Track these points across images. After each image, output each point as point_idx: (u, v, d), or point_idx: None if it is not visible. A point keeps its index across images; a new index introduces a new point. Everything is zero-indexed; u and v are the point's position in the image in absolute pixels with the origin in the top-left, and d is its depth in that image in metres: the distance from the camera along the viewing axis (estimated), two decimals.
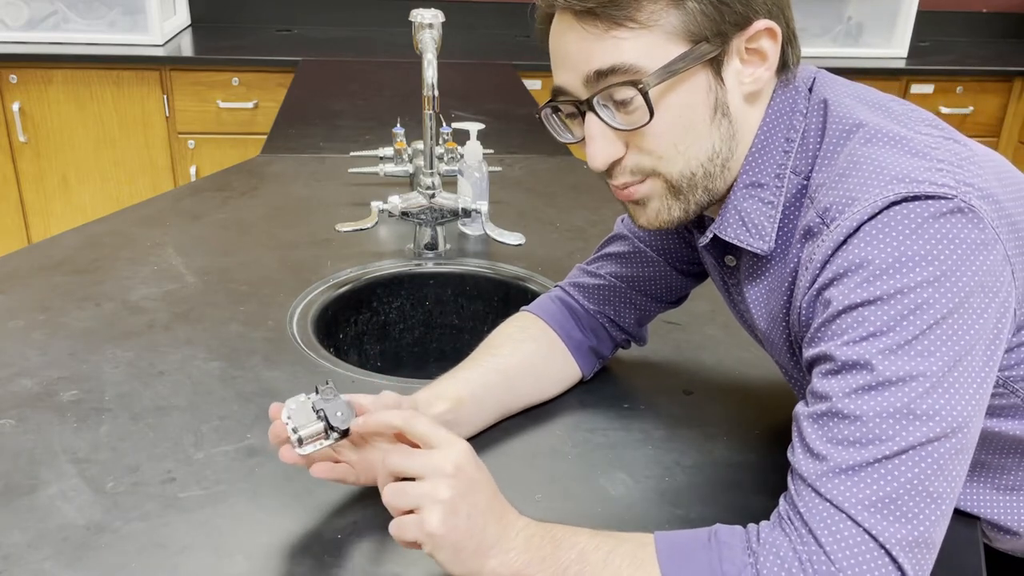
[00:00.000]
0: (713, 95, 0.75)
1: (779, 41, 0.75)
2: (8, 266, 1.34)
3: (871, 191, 0.69)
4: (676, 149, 0.76)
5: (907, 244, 0.66)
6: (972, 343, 0.66)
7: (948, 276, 0.65)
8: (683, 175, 0.77)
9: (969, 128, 3.23)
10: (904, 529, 0.64)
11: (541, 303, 1.06)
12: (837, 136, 0.76)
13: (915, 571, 0.65)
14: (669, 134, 0.75)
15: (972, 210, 0.66)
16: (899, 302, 0.66)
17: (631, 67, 0.72)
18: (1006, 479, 0.85)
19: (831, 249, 0.70)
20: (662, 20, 0.72)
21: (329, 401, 0.78)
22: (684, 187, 0.78)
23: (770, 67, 0.76)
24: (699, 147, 0.76)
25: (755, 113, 0.78)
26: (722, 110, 0.76)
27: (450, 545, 0.68)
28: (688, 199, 0.79)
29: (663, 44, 0.72)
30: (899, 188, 0.68)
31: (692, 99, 0.74)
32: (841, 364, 0.68)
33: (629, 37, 0.72)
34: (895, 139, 0.73)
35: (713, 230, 0.82)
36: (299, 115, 2.28)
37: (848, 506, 0.65)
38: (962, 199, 0.67)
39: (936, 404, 0.65)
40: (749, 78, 0.76)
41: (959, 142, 0.74)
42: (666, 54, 0.72)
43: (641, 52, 0.72)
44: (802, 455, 0.69)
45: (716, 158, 0.77)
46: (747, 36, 0.74)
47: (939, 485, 0.65)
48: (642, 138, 0.76)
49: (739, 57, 0.75)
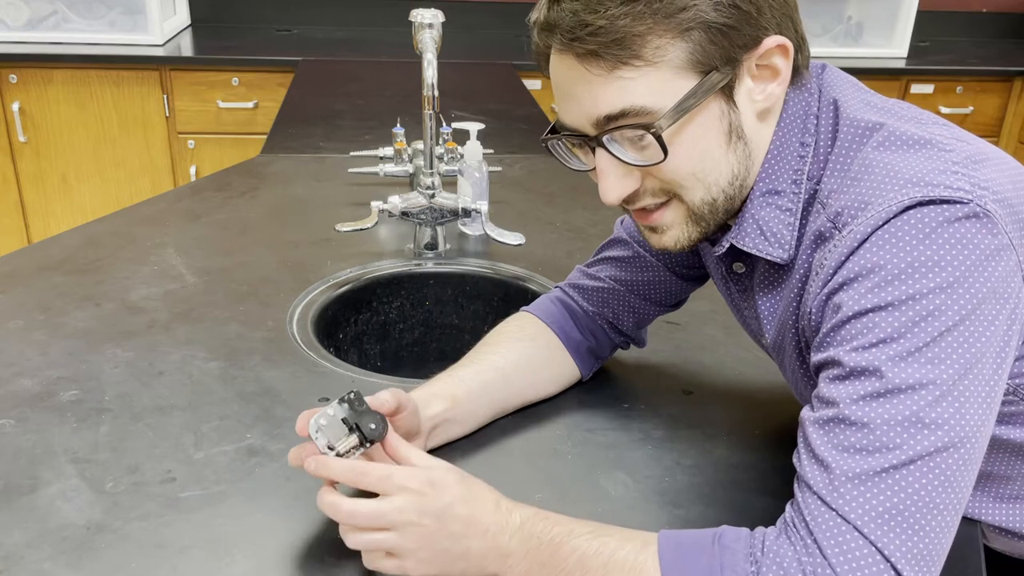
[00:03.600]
0: (727, 121, 0.73)
1: (791, 56, 0.73)
2: (8, 266, 1.34)
3: (885, 195, 0.68)
4: (695, 178, 0.74)
5: (920, 250, 0.65)
6: (983, 351, 0.65)
7: (960, 283, 0.64)
8: (704, 201, 0.75)
9: (969, 128, 3.23)
10: (910, 542, 0.63)
11: (540, 303, 1.05)
12: (850, 140, 0.74)
13: None
14: (686, 167, 0.73)
15: (987, 215, 0.65)
16: (910, 308, 0.65)
17: (641, 109, 0.70)
18: (1009, 488, 0.84)
19: (844, 254, 0.69)
20: (668, 55, 0.69)
21: (362, 414, 0.75)
22: (706, 212, 0.76)
23: (782, 82, 0.74)
24: (719, 174, 0.74)
25: (767, 127, 0.77)
26: (737, 134, 0.74)
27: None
28: (708, 222, 0.77)
29: (671, 80, 0.70)
30: (913, 192, 0.66)
31: (706, 130, 0.72)
32: (850, 370, 0.67)
33: (636, 76, 0.69)
34: (909, 141, 0.71)
35: (730, 239, 0.80)
36: (299, 115, 2.28)
37: (854, 517, 0.64)
38: (977, 203, 0.65)
39: (945, 413, 0.64)
40: (761, 95, 0.74)
41: (970, 143, 0.73)
42: (676, 90, 0.70)
43: (649, 92, 0.70)
44: (808, 462, 0.68)
45: (735, 180, 0.76)
46: (758, 55, 0.72)
47: (946, 497, 0.64)
48: (659, 172, 0.74)
49: (750, 75, 0.73)
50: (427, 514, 0.70)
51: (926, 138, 0.71)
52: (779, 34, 0.72)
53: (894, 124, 0.73)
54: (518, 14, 3.49)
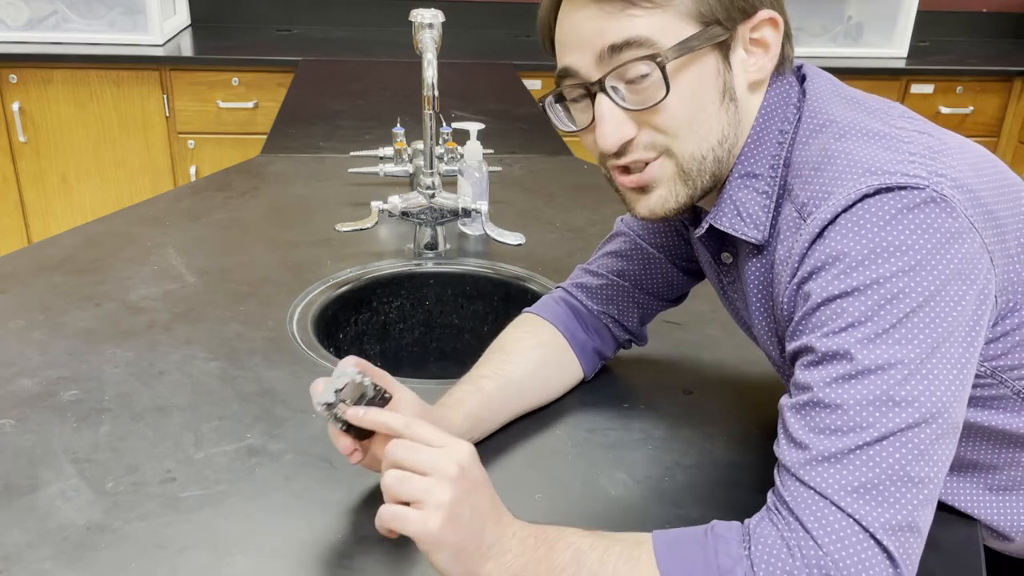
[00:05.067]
0: (722, 79, 0.76)
1: (781, 32, 0.78)
2: (8, 266, 1.34)
3: (845, 184, 0.70)
4: (690, 128, 0.77)
5: (881, 235, 0.67)
6: (950, 330, 0.67)
7: (923, 265, 0.66)
8: (695, 157, 0.78)
9: (969, 128, 3.23)
10: (887, 514, 0.65)
11: (545, 305, 1.05)
12: (811, 129, 0.78)
13: (902, 555, 0.65)
14: (683, 112, 0.76)
15: (944, 200, 0.67)
16: (875, 292, 0.67)
17: (646, 40, 0.74)
18: (997, 478, 0.85)
19: (807, 243, 0.72)
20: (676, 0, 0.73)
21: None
22: (694, 171, 0.78)
23: (772, 57, 0.78)
24: (710, 129, 0.77)
25: (755, 102, 0.80)
26: (730, 95, 0.77)
27: (451, 546, 0.68)
28: (696, 184, 0.79)
29: (676, 23, 0.74)
30: (872, 180, 0.69)
31: (704, 79, 0.76)
32: (821, 355, 0.69)
33: (643, 15, 0.73)
34: (867, 133, 0.74)
35: (709, 220, 0.83)
36: (299, 115, 2.28)
37: (831, 492, 0.66)
38: (934, 189, 0.67)
39: (915, 391, 0.66)
40: (753, 67, 0.78)
41: (932, 135, 0.75)
42: (679, 32, 0.74)
43: (655, 28, 0.74)
44: (786, 445, 0.70)
45: (724, 142, 0.78)
46: (752, 25, 0.76)
47: (921, 470, 0.66)
48: (656, 116, 0.76)
49: (744, 47, 0.77)
50: (467, 477, 0.70)
51: (885, 131, 0.74)
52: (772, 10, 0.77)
53: (852, 117, 0.76)
54: (518, 14, 3.49)
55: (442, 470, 0.69)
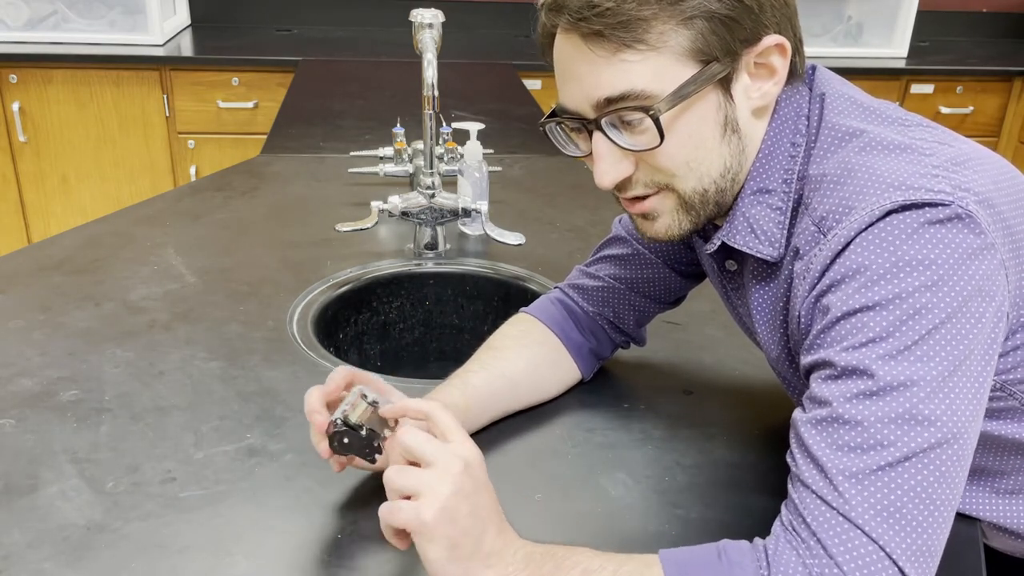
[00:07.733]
0: (723, 113, 0.74)
1: (788, 56, 0.74)
2: (8, 266, 1.34)
3: (868, 199, 0.69)
4: (688, 167, 0.75)
5: (904, 250, 0.66)
6: (971, 347, 0.66)
7: (945, 281, 0.65)
8: (696, 191, 0.77)
9: (969, 128, 3.23)
10: (909, 538, 0.64)
11: (541, 305, 1.05)
12: (829, 142, 0.76)
13: None
14: (680, 154, 0.74)
15: (969, 216, 0.66)
16: (897, 307, 0.66)
17: (641, 92, 0.71)
18: (1005, 483, 0.85)
19: (829, 257, 0.70)
20: (671, 41, 0.70)
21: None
22: (696, 202, 0.77)
23: (779, 81, 0.75)
24: (711, 164, 0.76)
25: (760, 126, 0.78)
26: (732, 127, 0.75)
27: (444, 539, 0.67)
28: (699, 213, 0.78)
29: (673, 66, 0.71)
30: (896, 196, 0.68)
31: (702, 119, 0.73)
32: (841, 370, 0.67)
33: (638, 60, 0.71)
34: (888, 146, 0.72)
35: (721, 237, 0.81)
36: (299, 115, 2.28)
37: (855, 515, 0.64)
38: (959, 205, 0.66)
39: (937, 409, 0.65)
40: (757, 93, 0.75)
41: (951, 145, 0.74)
42: (676, 77, 0.71)
43: (651, 76, 0.71)
44: (803, 462, 0.68)
45: (727, 173, 0.77)
46: (757, 52, 0.73)
47: (943, 493, 0.65)
48: (653, 158, 0.75)
49: (748, 72, 0.74)
50: (470, 475, 0.69)
51: (906, 143, 0.72)
52: (779, 34, 0.74)
53: (875, 130, 0.74)
54: (518, 14, 3.49)
55: (445, 463, 0.68)
